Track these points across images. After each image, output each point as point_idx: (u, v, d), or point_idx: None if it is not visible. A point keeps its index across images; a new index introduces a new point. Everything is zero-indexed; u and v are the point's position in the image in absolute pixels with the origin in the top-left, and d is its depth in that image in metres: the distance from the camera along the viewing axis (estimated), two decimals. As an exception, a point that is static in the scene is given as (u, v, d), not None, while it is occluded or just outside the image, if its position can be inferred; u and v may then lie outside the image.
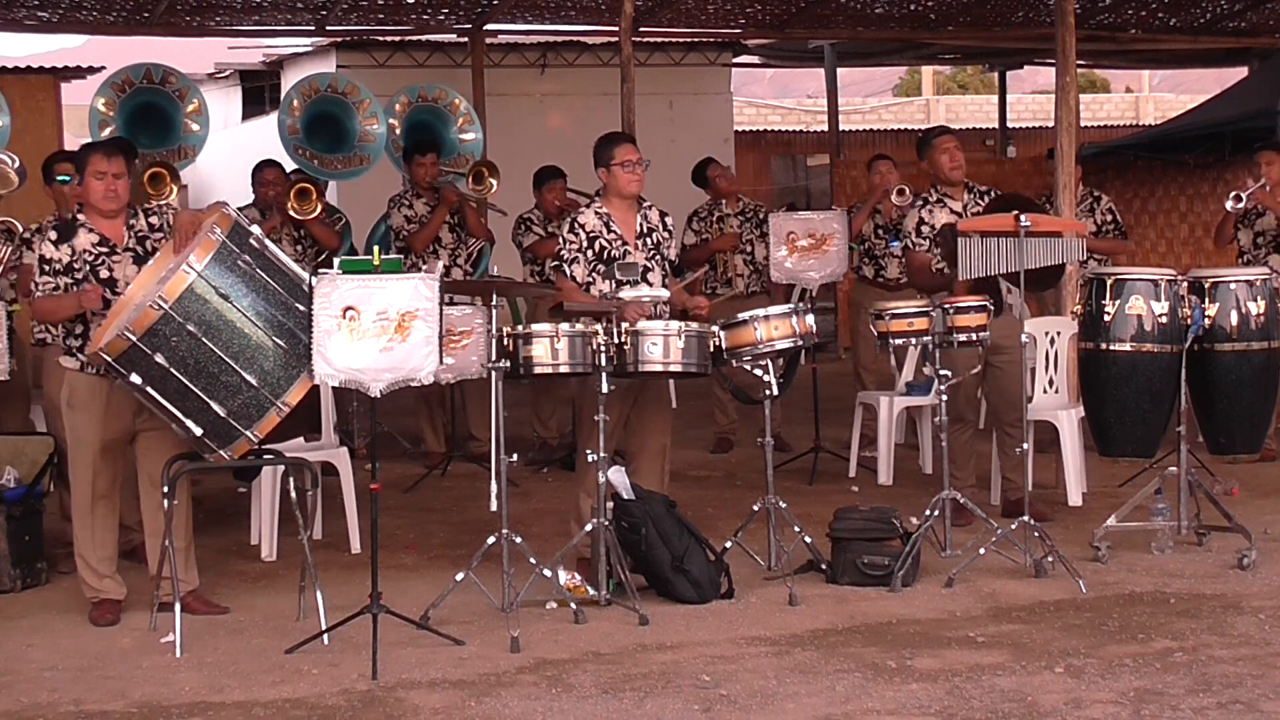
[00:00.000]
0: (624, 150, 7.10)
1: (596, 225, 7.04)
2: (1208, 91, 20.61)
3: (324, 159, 10.72)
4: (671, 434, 7.27)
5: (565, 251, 7.02)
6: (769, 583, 6.88)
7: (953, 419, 7.43)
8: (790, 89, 32.84)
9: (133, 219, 6.57)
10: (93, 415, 6.43)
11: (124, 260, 6.47)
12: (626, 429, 7.12)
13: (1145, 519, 7.35)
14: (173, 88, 10.42)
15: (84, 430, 6.46)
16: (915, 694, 5.40)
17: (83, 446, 6.48)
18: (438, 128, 11.17)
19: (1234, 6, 14.47)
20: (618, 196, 7.10)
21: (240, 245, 5.92)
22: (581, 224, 7.05)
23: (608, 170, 7.09)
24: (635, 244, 7.08)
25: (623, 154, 7.08)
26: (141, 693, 5.56)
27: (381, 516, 6.16)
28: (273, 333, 5.89)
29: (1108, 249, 9.97)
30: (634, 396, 7.04)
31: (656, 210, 7.22)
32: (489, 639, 6.12)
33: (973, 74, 31.54)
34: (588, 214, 7.10)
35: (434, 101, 11.45)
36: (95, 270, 6.43)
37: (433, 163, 9.93)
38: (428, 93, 11.51)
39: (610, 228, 7.04)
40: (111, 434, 6.46)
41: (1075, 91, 9.62)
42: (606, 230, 7.04)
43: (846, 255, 9.54)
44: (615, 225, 7.05)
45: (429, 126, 11.26)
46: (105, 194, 6.45)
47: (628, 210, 7.11)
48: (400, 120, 11.27)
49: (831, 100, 17.56)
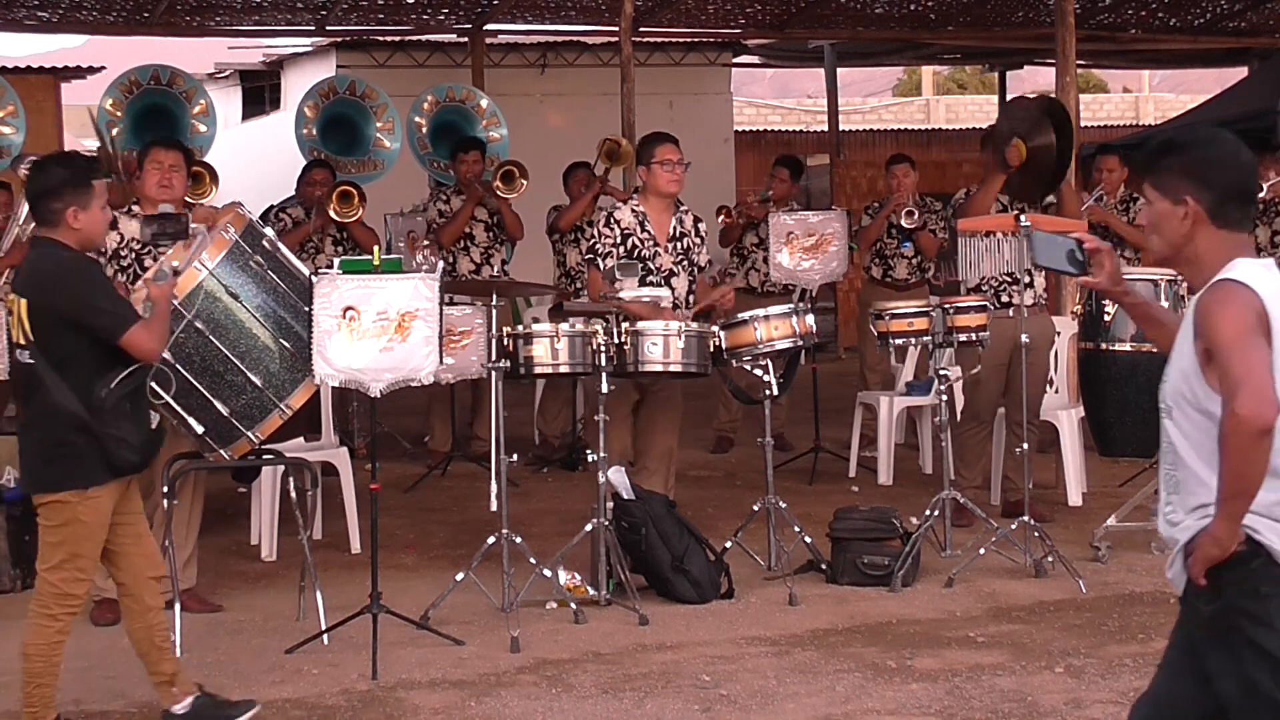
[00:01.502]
0: (665, 150, 7.11)
1: (631, 223, 7.06)
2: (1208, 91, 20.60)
3: (339, 162, 10.72)
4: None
5: (600, 245, 7.03)
6: (769, 583, 6.88)
7: (968, 417, 7.41)
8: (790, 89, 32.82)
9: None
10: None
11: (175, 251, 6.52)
12: (635, 431, 7.13)
13: (1145, 519, 7.34)
14: (179, 89, 10.41)
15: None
16: (915, 694, 5.40)
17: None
18: (464, 128, 11.15)
19: (1234, 6, 14.47)
20: (655, 195, 7.10)
21: (253, 246, 5.92)
22: (617, 220, 7.06)
23: (647, 168, 7.10)
24: (666, 246, 7.08)
25: (663, 153, 7.08)
26: (141, 693, 5.55)
27: (381, 516, 6.15)
28: (280, 335, 5.89)
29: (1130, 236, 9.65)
30: (639, 398, 7.04)
31: (691, 215, 7.23)
32: (489, 639, 6.12)
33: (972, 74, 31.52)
34: (624, 211, 7.11)
35: (461, 101, 11.44)
36: (140, 260, 6.53)
37: (475, 160, 9.92)
38: (456, 93, 11.50)
39: (644, 227, 7.06)
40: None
41: (1075, 91, 9.61)
42: (640, 230, 7.05)
43: (846, 255, 9.53)
44: (650, 225, 7.07)
45: (455, 126, 11.24)
46: (160, 183, 6.61)
47: (664, 210, 7.12)
48: (427, 120, 11.25)
49: (831, 100, 17.56)
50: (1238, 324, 3.21)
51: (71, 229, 4.91)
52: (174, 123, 10.40)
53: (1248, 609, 3.27)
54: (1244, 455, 3.18)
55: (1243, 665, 3.29)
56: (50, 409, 4.83)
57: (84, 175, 4.97)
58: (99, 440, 4.84)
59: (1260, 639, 3.27)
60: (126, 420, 4.89)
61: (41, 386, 4.85)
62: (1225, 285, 3.27)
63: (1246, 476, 3.21)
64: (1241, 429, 3.16)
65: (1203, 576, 3.29)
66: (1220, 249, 3.36)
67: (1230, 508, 3.23)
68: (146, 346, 4.89)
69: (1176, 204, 3.37)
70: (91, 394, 4.82)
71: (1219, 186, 3.36)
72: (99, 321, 4.84)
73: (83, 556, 4.94)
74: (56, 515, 4.93)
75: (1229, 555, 3.26)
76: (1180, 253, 3.41)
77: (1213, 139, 3.44)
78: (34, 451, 4.99)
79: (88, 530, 4.92)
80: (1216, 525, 3.25)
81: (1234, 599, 3.29)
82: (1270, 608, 3.26)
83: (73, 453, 4.85)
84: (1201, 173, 3.37)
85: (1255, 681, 3.27)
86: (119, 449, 4.87)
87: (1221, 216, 3.36)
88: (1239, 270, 3.29)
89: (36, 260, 4.96)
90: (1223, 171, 3.38)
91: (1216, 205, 3.35)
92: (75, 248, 4.94)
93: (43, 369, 4.83)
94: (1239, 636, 3.29)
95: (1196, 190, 3.35)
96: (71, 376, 4.82)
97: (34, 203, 4.98)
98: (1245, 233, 3.41)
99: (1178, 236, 3.39)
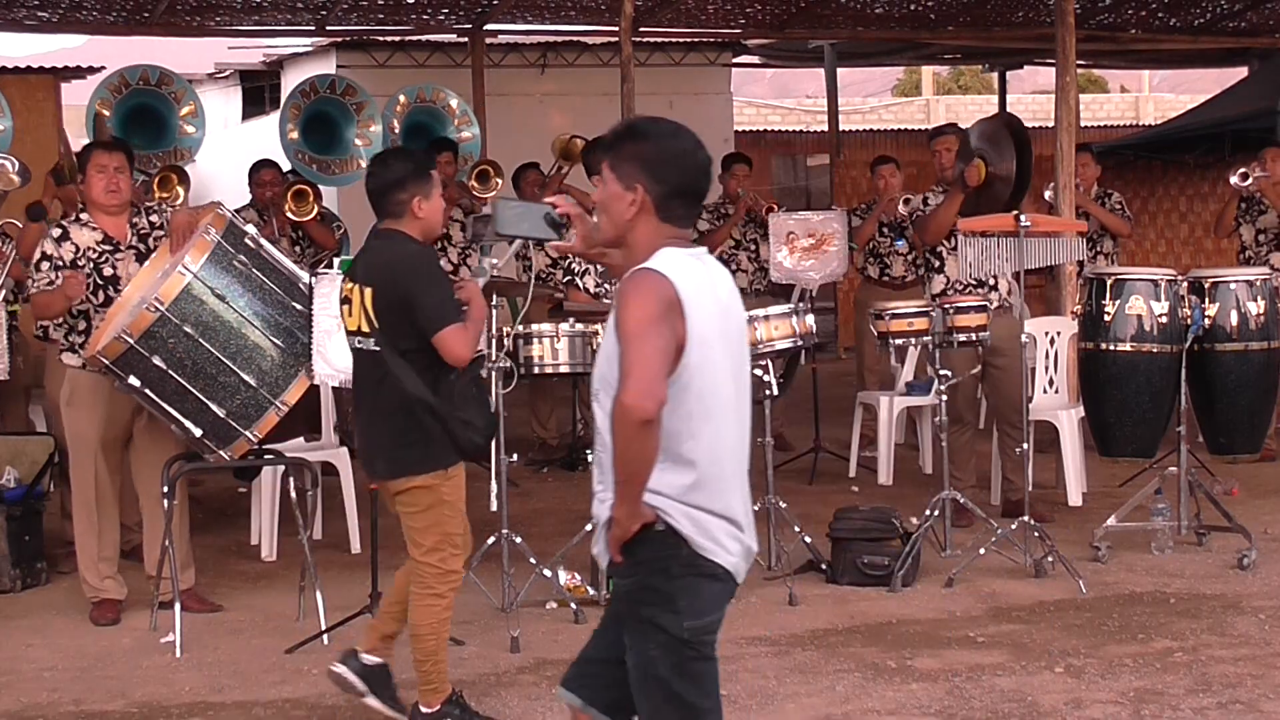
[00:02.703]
0: None
1: None
2: (1208, 91, 20.59)
3: (321, 162, 10.71)
4: None
5: (576, 264, 6.99)
6: (769, 583, 6.88)
7: (952, 420, 7.43)
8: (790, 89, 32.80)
9: (135, 217, 6.58)
10: (93, 413, 6.44)
11: (127, 258, 6.48)
12: None
13: (1145, 519, 7.35)
14: (169, 90, 10.40)
15: (84, 428, 6.47)
16: (915, 694, 5.40)
17: (83, 445, 6.48)
18: (435, 128, 11.16)
19: (1234, 6, 14.45)
20: None
21: (236, 245, 5.92)
22: None
23: None
24: None
25: None
26: (141, 693, 5.56)
27: (381, 516, 6.15)
28: (270, 332, 5.89)
29: (1111, 223, 9.81)
30: None
31: None
32: (489, 639, 6.12)
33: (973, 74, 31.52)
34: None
35: (431, 102, 11.44)
36: (99, 267, 6.44)
37: (449, 161, 9.92)
38: (425, 93, 11.51)
39: None
40: (112, 432, 6.47)
41: (1075, 91, 9.60)
42: None
43: (847, 255, 9.53)
44: None
45: (427, 127, 11.25)
46: (107, 188, 6.46)
47: None
48: (400, 120, 11.26)
49: (831, 100, 17.54)
50: (642, 313, 3.33)
51: (416, 219, 5.03)
52: (162, 124, 10.40)
53: (657, 587, 3.42)
54: (628, 443, 3.31)
55: (644, 642, 3.44)
56: (400, 396, 4.89)
57: (425, 167, 5.12)
58: (446, 424, 4.90)
59: (661, 619, 3.41)
60: (473, 404, 4.97)
61: (388, 375, 4.91)
62: (642, 274, 3.41)
63: (633, 462, 3.33)
64: (624, 418, 3.29)
65: (618, 554, 3.44)
66: (656, 239, 3.48)
67: (623, 491, 3.38)
68: (458, 349, 4.90)
69: (628, 189, 3.48)
70: (438, 380, 4.89)
71: (670, 182, 3.48)
72: (421, 314, 4.88)
73: (453, 534, 5.04)
74: (421, 500, 4.99)
75: (640, 534, 3.39)
76: (622, 236, 3.54)
77: (676, 134, 3.54)
78: (385, 439, 5.01)
79: (453, 509, 5.03)
80: (616, 507, 3.41)
81: (646, 577, 3.44)
82: (676, 589, 3.41)
83: (427, 437, 4.92)
84: (656, 165, 3.47)
85: (652, 660, 3.43)
86: (465, 432, 4.94)
87: (666, 210, 3.48)
88: (660, 259, 3.41)
89: (381, 250, 5.03)
90: (678, 169, 3.49)
91: (664, 199, 3.48)
92: (418, 237, 5.05)
93: (388, 356, 4.90)
94: (645, 613, 3.44)
95: (649, 181, 3.46)
96: (416, 363, 4.89)
97: (378, 196, 5.06)
98: (686, 230, 3.54)
99: (622, 220, 3.51)
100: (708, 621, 3.45)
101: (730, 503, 3.47)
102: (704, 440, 3.42)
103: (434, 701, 5.04)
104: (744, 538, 3.50)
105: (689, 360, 3.37)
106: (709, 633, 3.46)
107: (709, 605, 3.45)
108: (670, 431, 3.36)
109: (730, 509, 3.47)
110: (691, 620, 3.41)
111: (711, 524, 3.43)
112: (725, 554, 3.45)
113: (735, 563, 3.48)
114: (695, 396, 3.39)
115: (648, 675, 3.44)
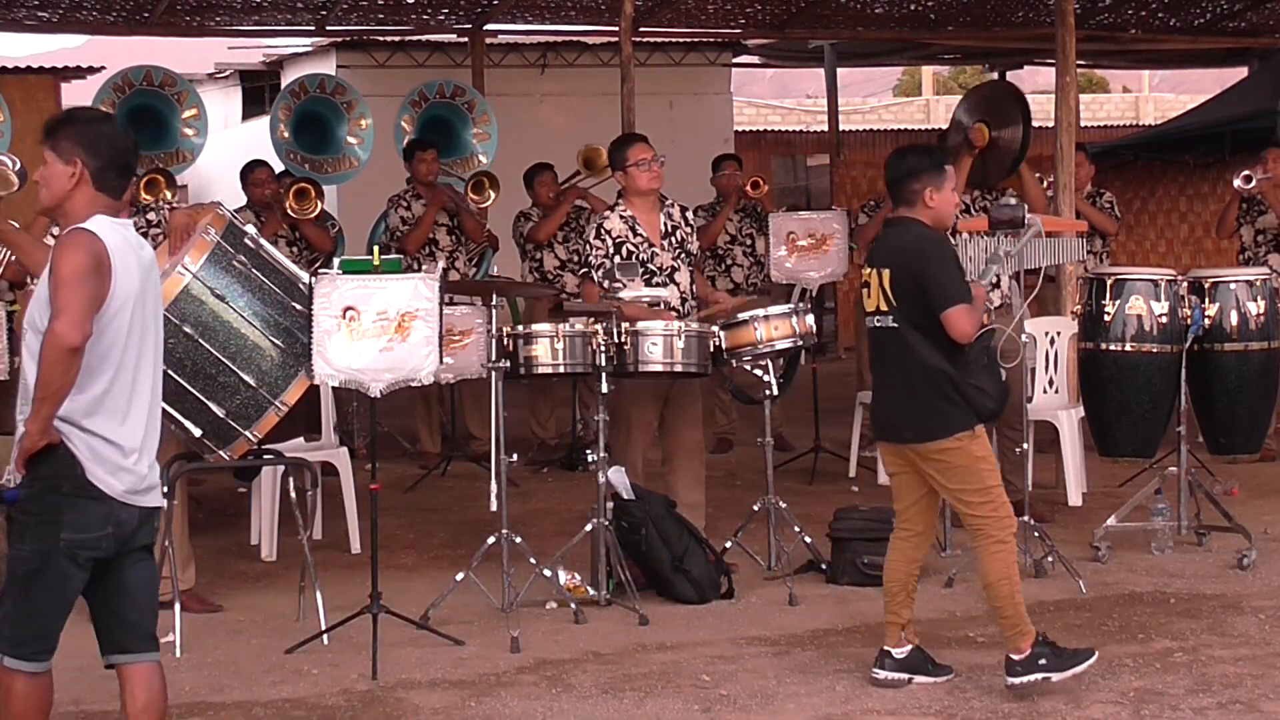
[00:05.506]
0: (637, 150, 7.11)
1: (623, 230, 7.03)
2: (1208, 91, 20.57)
3: (313, 161, 10.70)
4: None
5: (592, 258, 6.99)
6: (769, 583, 6.88)
7: None
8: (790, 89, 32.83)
9: (133, 217, 6.58)
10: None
11: None
12: (661, 429, 7.14)
13: (1145, 519, 7.34)
14: (172, 91, 10.39)
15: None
16: (915, 694, 5.40)
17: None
18: (456, 125, 11.11)
19: (1234, 6, 14.45)
20: (638, 196, 7.09)
21: (235, 245, 5.91)
22: (608, 230, 7.03)
23: (624, 173, 7.09)
24: (661, 244, 7.06)
25: (636, 154, 7.08)
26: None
27: (381, 516, 6.16)
28: (270, 332, 5.88)
29: (1099, 221, 9.77)
30: (665, 395, 7.04)
31: (678, 206, 7.23)
32: (489, 639, 6.12)
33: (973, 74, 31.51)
34: (613, 218, 7.07)
35: (452, 98, 11.40)
36: None
37: (433, 159, 9.88)
38: (445, 89, 11.46)
39: (636, 231, 7.04)
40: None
41: (1075, 91, 9.60)
42: (633, 234, 7.03)
43: (847, 255, 9.53)
44: (641, 228, 7.05)
45: (445, 121, 11.21)
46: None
47: (650, 210, 7.10)
48: (416, 116, 11.22)
49: (831, 100, 17.53)
50: (74, 264, 4.07)
51: (927, 207, 5.47)
52: (163, 125, 10.39)
53: (48, 500, 4.12)
54: (54, 367, 4.03)
55: (20, 542, 4.16)
56: (922, 368, 5.37)
57: (939, 161, 5.57)
58: (962, 391, 5.36)
59: (41, 528, 4.12)
60: (984, 372, 5.44)
61: (909, 350, 5.40)
62: (76, 232, 4.15)
63: (52, 384, 4.04)
64: (54, 343, 4.02)
65: (22, 466, 4.10)
66: (92, 206, 4.22)
67: (37, 409, 4.07)
68: (962, 325, 5.32)
69: (68, 164, 4.21)
70: (952, 351, 5.35)
71: (104, 157, 4.23)
72: (933, 291, 5.34)
73: (994, 485, 5.42)
74: (955, 459, 5.40)
75: (44, 451, 4.08)
76: (61, 205, 4.25)
77: (105, 119, 4.52)
78: (912, 407, 5.43)
79: (988, 462, 5.45)
80: (29, 423, 4.09)
81: (41, 489, 4.13)
82: (64, 504, 4.12)
83: (950, 403, 5.37)
84: (92, 144, 4.22)
85: (22, 558, 4.15)
86: (980, 398, 5.40)
87: (101, 181, 4.24)
88: (93, 223, 4.17)
89: (897, 235, 5.54)
90: (109, 146, 4.26)
91: (99, 171, 4.23)
92: (929, 224, 5.49)
93: (906, 332, 5.40)
94: (32, 520, 4.14)
95: (86, 156, 4.21)
96: (932, 337, 5.35)
97: (895, 185, 5.55)
98: (116, 199, 4.27)
99: (62, 191, 4.24)
100: (87, 538, 4.14)
101: (129, 433, 4.19)
102: (107, 376, 4.15)
103: (1023, 645, 5.30)
104: (135, 466, 4.20)
105: (109, 309, 4.12)
106: (87, 548, 4.15)
107: (92, 523, 4.14)
108: (83, 366, 4.07)
109: (127, 439, 4.18)
110: (70, 534, 4.12)
111: (105, 450, 4.14)
112: (113, 481, 4.15)
113: (120, 490, 4.16)
114: (109, 340, 4.14)
115: (15, 571, 4.16)
